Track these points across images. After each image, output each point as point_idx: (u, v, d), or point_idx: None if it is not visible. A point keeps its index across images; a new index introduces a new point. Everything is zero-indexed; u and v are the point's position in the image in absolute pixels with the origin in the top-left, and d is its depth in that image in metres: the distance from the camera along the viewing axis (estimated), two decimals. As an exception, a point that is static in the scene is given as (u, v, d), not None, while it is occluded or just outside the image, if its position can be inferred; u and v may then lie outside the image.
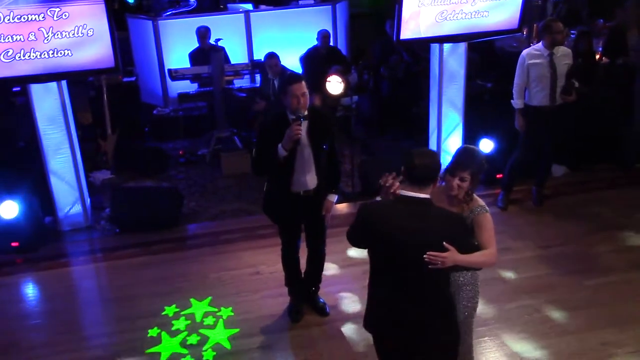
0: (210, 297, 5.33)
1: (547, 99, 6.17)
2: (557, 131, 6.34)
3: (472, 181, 3.46)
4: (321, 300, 5.13)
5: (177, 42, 9.22)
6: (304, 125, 4.32)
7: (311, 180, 4.52)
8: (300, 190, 4.52)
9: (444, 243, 3.09)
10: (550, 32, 6.04)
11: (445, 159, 7.22)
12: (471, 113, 7.33)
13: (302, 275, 5.05)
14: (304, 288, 5.09)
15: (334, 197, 4.72)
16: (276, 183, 4.58)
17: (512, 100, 6.38)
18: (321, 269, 5.03)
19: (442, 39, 6.80)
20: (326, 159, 4.56)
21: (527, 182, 6.85)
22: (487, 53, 9.34)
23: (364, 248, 3.34)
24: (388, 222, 3.16)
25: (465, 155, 3.52)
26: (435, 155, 3.30)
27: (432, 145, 7.38)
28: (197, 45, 8.80)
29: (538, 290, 5.21)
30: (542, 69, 6.12)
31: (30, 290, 5.80)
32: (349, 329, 4.91)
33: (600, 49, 8.82)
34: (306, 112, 4.33)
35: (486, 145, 6.85)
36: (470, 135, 7.25)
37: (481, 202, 3.54)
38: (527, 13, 7.26)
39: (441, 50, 6.93)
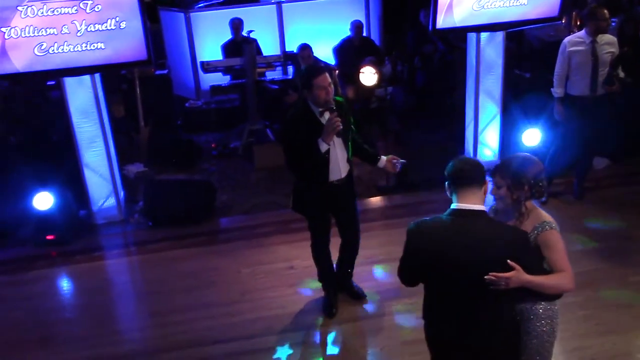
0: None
1: (587, 88, 5.97)
2: (597, 122, 6.11)
3: (513, 191, 3.09)
4: (355, 285, 5.10)
5: (209, 35, 9.21)
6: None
7: (344, 167, 4.58)
8: (335, 179, 4.54)
9: (508, 261, 2.82)
10: (595, 19, 5.83)
11: (483, 151, 7.18)
12: (509, 104, 7.14)
13: (335, 269, 4.99)
14: (338, 280, 5.03)
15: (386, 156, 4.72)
16: (312, 176, 4.53)
17: (552, 89, 6.20)
18: (355, 255, 4.99)
19: (479, 28, 6.63)
20: (354, 142, 4.65)
21: (568, 174, 6.65)
22: (525, 42, 9.12)
23: (422, 281, 3.07)
24: (442, 241, 2.90)
25: (506, 160, 3.21)
26: (472, 160, 3.08)
27: (469, 137, 7.23)
28: (229, 37, 8.75)
29: (581, 286, 4.95)
30: (583, 57, 5.91)
31: (64, 284, 5.83)
32: (383, 325, 4.82)
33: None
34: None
35: (531, 136, 6.62)
36: (508, 126, 7.08)
37: (546, 217, 3.15)
38: (567, 0, 7.05)
39: (478, 40, 6.76)
